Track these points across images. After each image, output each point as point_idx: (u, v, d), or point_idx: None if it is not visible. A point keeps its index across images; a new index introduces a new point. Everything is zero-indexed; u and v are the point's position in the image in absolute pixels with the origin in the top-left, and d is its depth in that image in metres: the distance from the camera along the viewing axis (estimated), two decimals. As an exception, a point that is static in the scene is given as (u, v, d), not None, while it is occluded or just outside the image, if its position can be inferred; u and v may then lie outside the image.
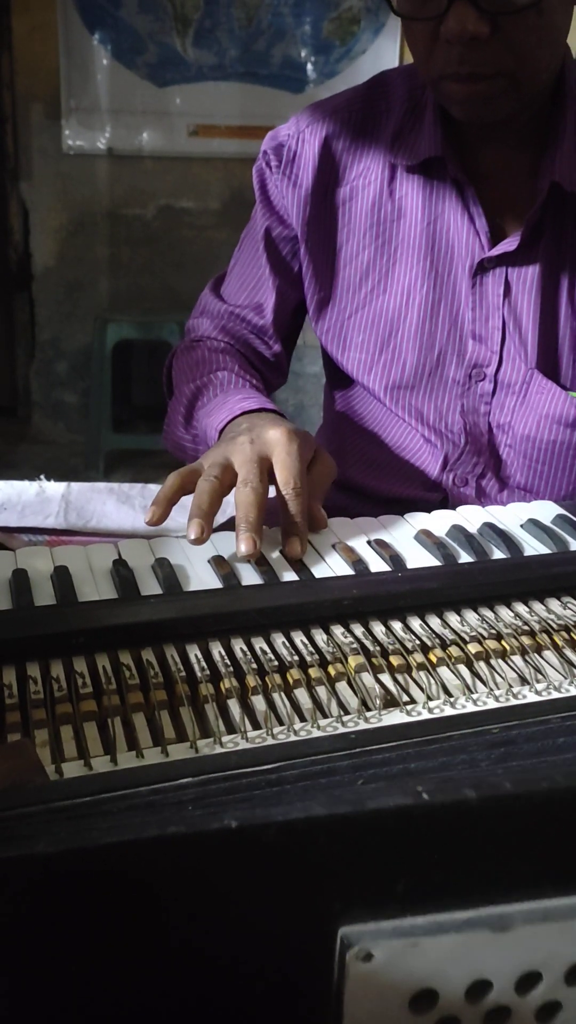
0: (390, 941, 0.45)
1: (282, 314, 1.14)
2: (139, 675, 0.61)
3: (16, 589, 0.71)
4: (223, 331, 1.14)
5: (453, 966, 0.47)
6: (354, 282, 1.08)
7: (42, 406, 4.18)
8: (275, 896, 0.45)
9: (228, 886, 0.44)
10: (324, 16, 3.75)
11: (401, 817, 0.45)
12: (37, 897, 0.42)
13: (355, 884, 0.46)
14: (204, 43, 3.75)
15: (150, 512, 0.79)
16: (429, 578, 0.73)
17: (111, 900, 0.43)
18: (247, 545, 0.74)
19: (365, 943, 0.45)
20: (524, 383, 1.04)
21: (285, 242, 1.12)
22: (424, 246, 1.04)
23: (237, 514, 0.77)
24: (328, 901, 0.46)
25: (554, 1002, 0.49)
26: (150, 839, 0.43)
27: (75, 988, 0.44)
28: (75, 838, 0.43)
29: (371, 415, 1.13)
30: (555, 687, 0.62)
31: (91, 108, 3.80)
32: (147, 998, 0.45)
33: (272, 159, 1.09)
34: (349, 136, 1.06)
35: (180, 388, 1.08)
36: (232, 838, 0.43)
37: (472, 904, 0.47)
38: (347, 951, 0.45)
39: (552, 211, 0.99)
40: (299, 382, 4.08)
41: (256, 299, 1.14)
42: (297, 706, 0.60)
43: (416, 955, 0.46)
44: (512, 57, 0.87)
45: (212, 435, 0.94)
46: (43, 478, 1.25)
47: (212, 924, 0.45)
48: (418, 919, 0.46)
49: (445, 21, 0.85)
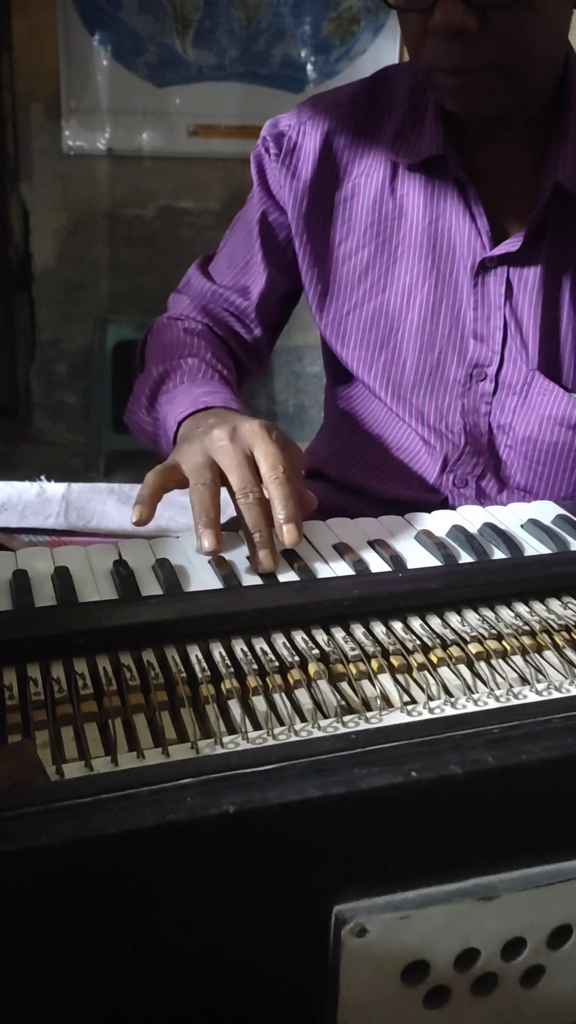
0: (383, 916, 0.47)
1: (269, 300, 1.13)
2: (140, 676, 0.61)
3: (16, 590, 0.71)
4: (203, 311, 1.12)
5: (442, 937, 0.49)
6: (352, 279, 1.08)
7: (42, 407, 4.18)
8: (272, 878, 0.47)
9: (226, 869, 0.46)
10: (324, 16, 3.75)
11: (391, 795, 0.47)
12: (40, 888, 0.43)
13: (349, 863, 0.48)
14: (204, 43, 3.75)
15: (136, 512, 0.79)
16: (430, 578, 0.73)
17: (112, 888, 0.44)
18: (268, 561, 0.75)
19: (359, 919, 0.47)
20: (525, 384, 1.04)
21: (281, 228, 1.11)
22: (425, 245, 1.04)
23: (248, 530, 0.77)
24: (323, 880, 0.47)
25: (538, 966, 0.52)
26: (149, 827, 0.44)
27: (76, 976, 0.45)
28: (76, 828, 0.44)
29: (372, 416, 1.13)
30: (556, 687, 0.62)
31: (91, 109, 3.80)
32: (147, 981, 0.46)
33: (272, 146, 1.08)
34: (350, 133, 1.06)
35: (148, 368, 1.06)
36: (230, 822, 0.45)
37: (459, 876, 0.49)
38: (342, 927, 0.47)
39: (555, 212, 0.99)
40: (299, 382, 4.09)
41: (243, 281, 1.13)
42: (298, 706, 0.60)
43: (407, 928, 0.48)
44: (503, 51, 0.86)
45: (171, 424, 0.93)
46: (43, 479, 1.25)
47: (211, 907, 0.46)
48: (408, 893, 0.48)
49: (433, 13, 0.85)
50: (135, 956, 0.46)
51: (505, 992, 0.51)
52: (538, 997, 0.52)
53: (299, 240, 1.09)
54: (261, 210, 1.11)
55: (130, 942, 0.45)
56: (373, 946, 0.47)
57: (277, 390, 4.17)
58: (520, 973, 0.51)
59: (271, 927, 0.47)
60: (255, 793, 0.46)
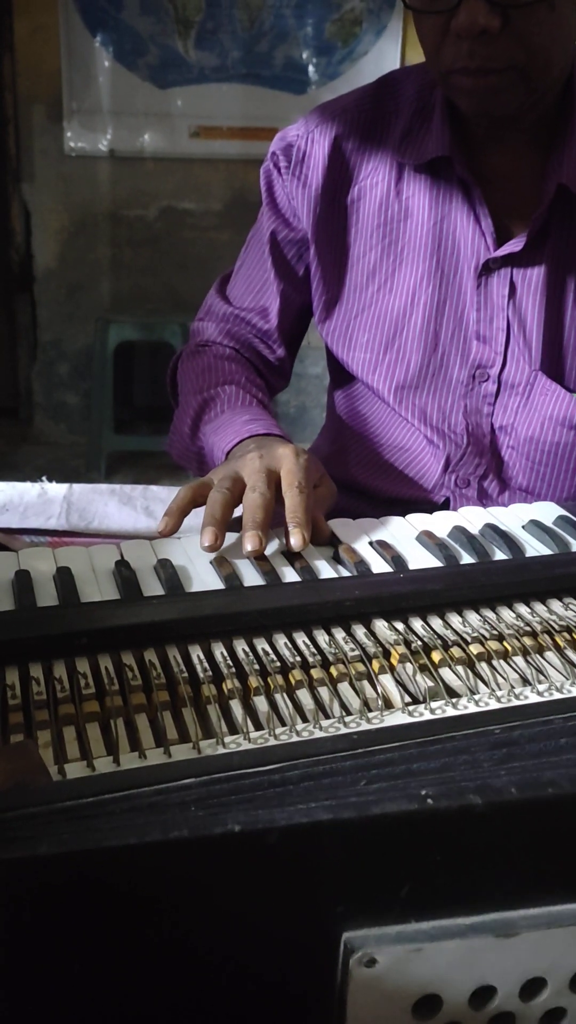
0: (394, 946, 0.45)
1: (287, 318, 1.15)
2: (142, 676, 0.61)
3: (19, 590, 0.71)
4: (228, 335, 1.14)
5: (457, 972, 0.46)
6: (360, 282, 1.08)
7: (44, 407, 4.18)
8: (279, 900, 0.45)
9: (231, 890, 0.44)
10: (326, 17, 3.76)
11: (405, 822, 0.45)
12: (39, 899, 0.42)
13: (359, 889, 0.46)
14: (206, 45, 3.75)
15: (163, 523, 0.81)
16: (431, 579, 0.73)
17: (113, 902, 0.43)
18: (253, 542, 0.76)
19: (369, 948, 0.45)
20: (528, 384, 1.04)
21: (291, 245, 1.12)
22: (430, 246, 1.04)
23: (244, 515, 0.78)
24: (332, 906, 0.45)
25: (559, 1009, 0.49)
26: (153, 843, 0.42)
27: (77, 991, 0.44)
28: (78, 840, 0.43)
29: (374, 416, 1.13)
30: (557, 688, 0.62)
31: (93, 110, 3.81)
32: (150, 1001, 0.45)
33: (281, 160, 1.09)
34: (358, 136, 1.06)
35: (187, 398, 1.09)
36: (235, 842, 0.43)
37: (476, 910, 0.46)
38: (351, 956, 0.45)
39: (559, 213, 0.99)
40: (301, 383, 4.08)
41: (261, 303, 1.14)
42: (299, 707, 0.60)
43: (420, 961, 0.45)
44: (523, 51, 0.87)
45: (219, 456, 0.96)
46: (45, 479, 1.25)
47: (215, 928, 0.45)
48: (422, 924, 0.46)
49: (457, 15, 0.85)
50: (136, 976, 0.44)
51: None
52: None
53: (313, 248, 1.09)
54: (271, 229, 1.12)
55: (131, 962, 0.44)
56: (383, 977, 0.45)
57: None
58: (539, 1015, 0.49)
59: (276, 950, 0.46)
60: (262, 812, 0.44)
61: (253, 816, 0.43)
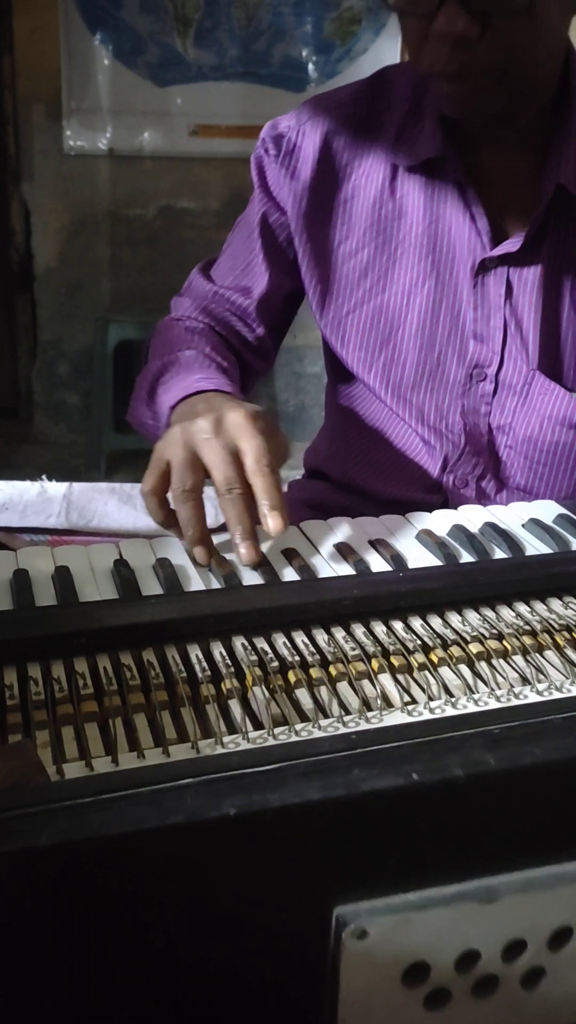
0: (383, 918, 0.47)
1: (271, 299, 1.13)
2: (140, 675, 0.61)
3: (17, 589, 0.71)
4: (204, 311, 1.12)
5: (443, 939, 0.49)
6: (352, 279, 1.08)
7: (44, 407, 4.18)
8: (273, 880, 0.47)
9: (226, 871, 0.46)
10: (325, 16, 3.76)
11: (392, 797, 0.47)
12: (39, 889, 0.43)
13: (349, 864, 0.48)
14: (205, 43, 3.75)
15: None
16: (430, 578, 0.73)
17: (112, 888, 0.44)
18: (250, 555, 0.75)
19: (360, 921, 0.47)
20: (525, 384, 1.03)
21: (282, 228, 1.11)
22: (425, 245, 1.04)
23: (229, 523, 0.76)
24: (324, 882, 0.47)
25: (538, 968, 0.52)
26: (150, 829, 0.44)
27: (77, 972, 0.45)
28: (76, 829, 0.44)
29: (372, 416, 1.13)
30: (556, 687, 0.62)
31: (92, 109, 3.81)
32: (148, 981, 0.46)
33: (271, 147, 1.08)
34: (351, 134, 1.06)
35: (148, 365, 1.06)
36: (230, 824, 0.44)
37: (460, 878, 0.49)
38: (343, 930, 0.47)
39: (556, 213, 0.99)
40: (300, 382, 4.09)
41: (244, 281, 1.13)
42: (298, 706, 0.59)
43: (408, 930, 0.48)
44: (503, 56, 0.86)
45: (165, 411, 0.93)
46: (45, 478, 1.25)
47: (211, 908, 0.46)
48: (409, 895, 0.48)
49: (435, 20, 0.84)
50: (135, 957, 0.46)
51: (506, 994, 0.51)
52: (539, 999, 0.52)
53: (299, 240, 1.09)
54: (262, 211, 1.11)
55: (130, 943, 0.45)
56: (374, 948, 0.47)
57: (278, 390, 4.17)
58: (521, 975, 0.51)
59: (271, 929, 0.47)
60: (255, 795, 0.46)
61: (247, 799, 0.45)
